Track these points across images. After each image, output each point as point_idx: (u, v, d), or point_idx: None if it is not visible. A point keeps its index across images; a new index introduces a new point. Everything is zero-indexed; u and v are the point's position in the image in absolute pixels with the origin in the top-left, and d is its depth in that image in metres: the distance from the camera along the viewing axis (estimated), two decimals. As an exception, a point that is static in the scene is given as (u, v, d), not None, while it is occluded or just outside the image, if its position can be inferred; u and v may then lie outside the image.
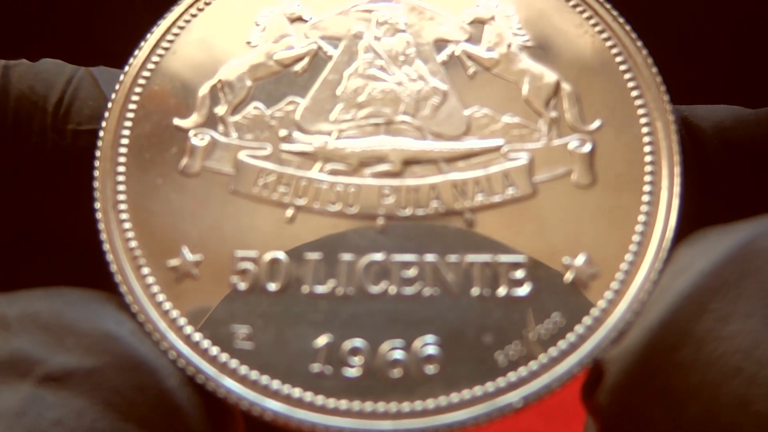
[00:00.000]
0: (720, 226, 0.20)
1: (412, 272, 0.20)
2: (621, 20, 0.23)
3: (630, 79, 0.22)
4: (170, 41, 0.23)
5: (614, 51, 0.22)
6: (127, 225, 0.21)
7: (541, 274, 0.20)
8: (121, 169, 0.21)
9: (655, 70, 0.22)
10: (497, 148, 0.21)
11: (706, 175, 0.22)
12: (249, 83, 0.22)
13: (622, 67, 0.22)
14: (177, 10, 0.23)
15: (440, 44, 0.23)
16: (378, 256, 0.20)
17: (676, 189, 0.20)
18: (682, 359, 0.18)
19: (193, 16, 0.23)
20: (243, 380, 0.19)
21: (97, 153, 0.21)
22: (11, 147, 0.22)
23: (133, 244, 0.20)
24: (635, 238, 0.20)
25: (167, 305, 0.20)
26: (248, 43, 0.23)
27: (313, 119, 0.22)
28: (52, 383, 0.17)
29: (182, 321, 0.19)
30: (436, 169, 0.21)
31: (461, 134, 0.21)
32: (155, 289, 0.20)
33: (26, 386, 0.17)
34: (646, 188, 0.20)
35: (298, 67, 0.23)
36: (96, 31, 0.23)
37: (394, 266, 0.20)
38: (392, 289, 0.20)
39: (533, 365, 0.19)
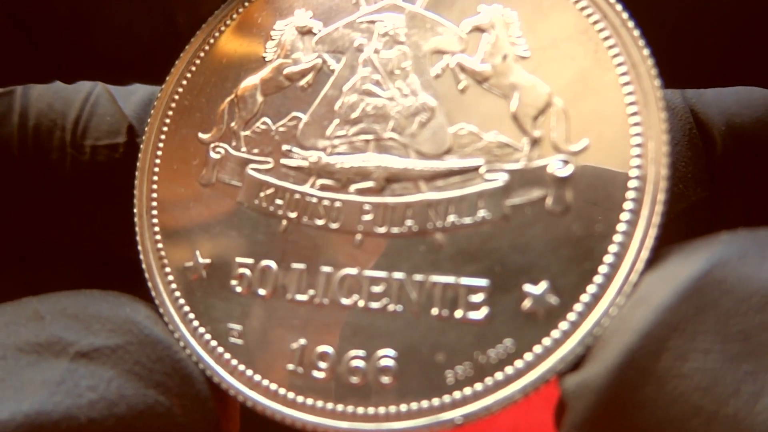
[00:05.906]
0: (681, 244, 0.19)
1: (380, 288, 0.21)
2: (630, 24, 0.21)
3: (629, 94, 0.20)
4: (200, 57, 0.26)
5: (617, 61, 0.21)
6: (156, 228, 0.24)
7: (499, 299, 0.20)
8: (155, 178, 0.25)
9: (657, 83, 0.20)
10: (476, 169, 0.21)
11: (715, 168, 0.21)
12: (260, 98, 0.24)
13: (623, 79, 0.21)
14: (206, 29, 0.26)
15: (437, 56, 0.23)
16: (352, 271, 0.22)
17: (656, 219, 0.19)
18: (644, 397, 0.18)
19: (221, 32, 0.26)
20: (233, 371, 0.22)
21: (138, 164, 0.25)
22: (32, 163, 0.24)
23: (160, 245, 0.24)
24: (602, 269, 0.19)
25: (182, 301, 0.23)
26: (263, 57, 0.25)
27: (311, 135, 0.23)
28: (84, 359, 0.21)
29: (192, 315, 0.23)
30: (415, 188, 0.22)
31: (443, 152, 0.22)
32: (174, 286, 0.24)
33: (62, 362, 0.21)
34: (624, 217, 0.20)
35: (303, 81, 0.24)
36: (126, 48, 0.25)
37: (365, 281, 0.22)
38: (361, 302, 0.21)
39: (478, 387, 0.20)
